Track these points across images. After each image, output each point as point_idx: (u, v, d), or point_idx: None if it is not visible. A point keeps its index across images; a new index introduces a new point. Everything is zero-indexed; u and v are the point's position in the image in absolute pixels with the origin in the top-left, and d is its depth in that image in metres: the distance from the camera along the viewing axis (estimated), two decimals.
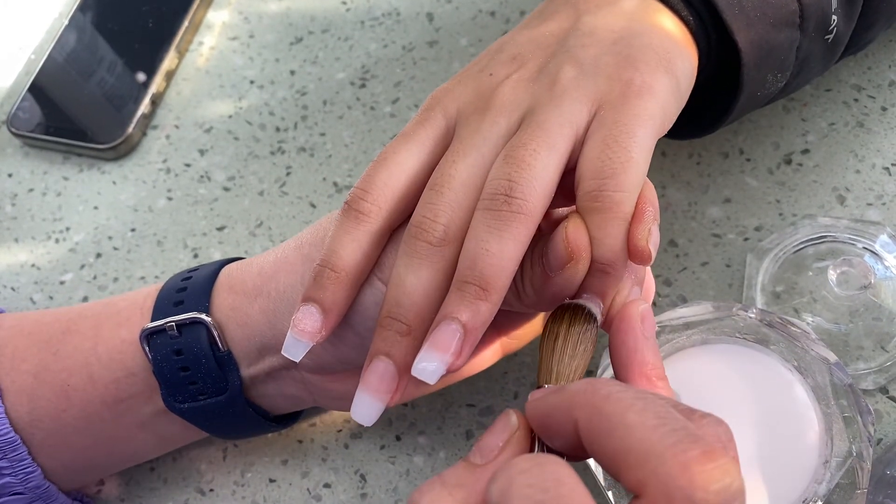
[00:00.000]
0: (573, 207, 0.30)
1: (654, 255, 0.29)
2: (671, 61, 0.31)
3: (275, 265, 0.35)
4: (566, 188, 0.30)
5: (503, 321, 0.37)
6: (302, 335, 0.31)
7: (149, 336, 0.35)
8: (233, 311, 0.35)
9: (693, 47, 0.33)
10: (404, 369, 0.30)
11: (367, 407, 0.30)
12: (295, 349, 0.31)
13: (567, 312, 0.29)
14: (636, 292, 0.31)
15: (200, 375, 0.35)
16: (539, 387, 0.28)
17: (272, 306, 0.34)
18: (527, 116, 0.31)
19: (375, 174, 0.32)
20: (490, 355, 0.38)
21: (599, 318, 0.29)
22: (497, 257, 0.28)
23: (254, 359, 0.35)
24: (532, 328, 0.38)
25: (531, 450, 0.26)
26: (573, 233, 0.28)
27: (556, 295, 0.30)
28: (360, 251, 0.31)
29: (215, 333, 0.34)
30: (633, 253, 0.29)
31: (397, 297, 0.30)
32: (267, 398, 0.37)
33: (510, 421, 0.26)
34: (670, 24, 0.33)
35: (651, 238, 0.29)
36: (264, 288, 0.35)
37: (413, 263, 0.30)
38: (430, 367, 0.28)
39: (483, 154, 0.31)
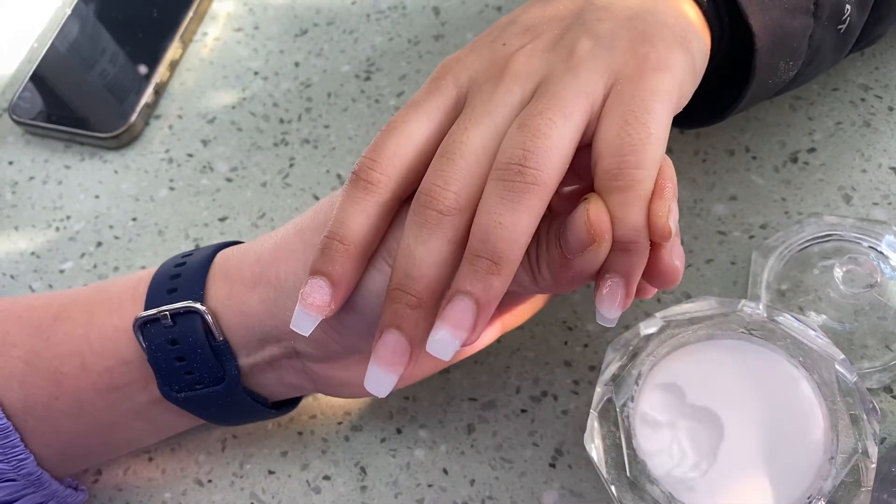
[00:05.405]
0: (580, 185, 0.30)
1: (674, 231, 0.28)
2: (686, 38, 0.31)
3: (274, 252, 0.34)
4: (579, 166, 0.30)
5: (506, 298, 0.36)
6: (311, 309, 0.30)
7: (142, 325, 0.34)
8: (229, 300, 0.34)
9: (706, 29, 0.33)
10: (415, 341, 0.29)
11: (380, 380, 0.30)
12: (304, 323, 0.30)
13: None
14: None
15: (196, 365, 0.34)
16: None
17: (272, 295, 0.33)
18: (541, 86, 0.30)
19: (384, 143, 0.31)
20: (492, 333, 0.37)
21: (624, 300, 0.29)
22: (510, 230, 0.28)
23: (254, 348, 0.35)
24: (531, 305, 0.38)
25: None
26: (595, 214, 0.28)
27: (574, 277, 0.29)
28: (368, 222, 0.30)
29: (210, 323, 0.34)
30: (653, 230, 0.28)
31: (406, 269, 0.29)
32: (266, 387, 0.36)
33: None
34: (685, 5, 0.32)
35: (671, 215, 0.28)
36: (264, 276, 0.34)
37: (422, 234, 0.29)
38: (444, 342, 0.28)
39: (496, 122, 0.30)
